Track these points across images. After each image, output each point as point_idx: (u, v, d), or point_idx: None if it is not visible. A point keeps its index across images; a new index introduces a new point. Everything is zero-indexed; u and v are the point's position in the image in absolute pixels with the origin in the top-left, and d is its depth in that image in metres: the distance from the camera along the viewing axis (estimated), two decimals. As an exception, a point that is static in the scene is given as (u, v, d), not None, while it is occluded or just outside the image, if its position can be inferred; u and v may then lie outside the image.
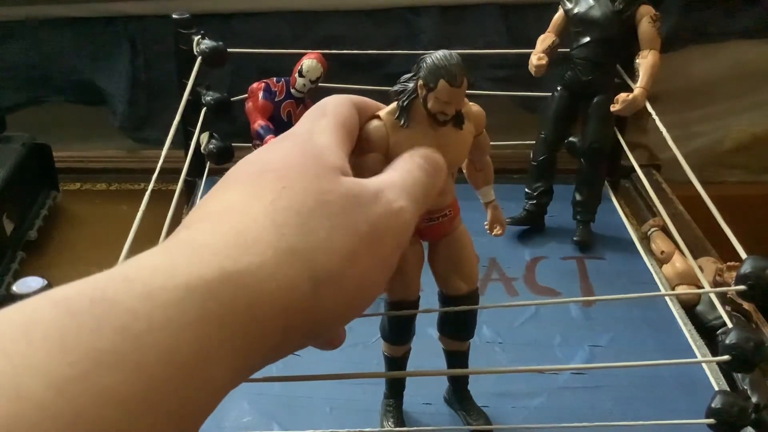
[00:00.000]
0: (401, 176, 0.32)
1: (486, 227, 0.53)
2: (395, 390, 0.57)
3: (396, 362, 0.55)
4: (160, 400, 0.20)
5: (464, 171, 0.50)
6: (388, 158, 0.42)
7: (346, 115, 0.34)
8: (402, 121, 0.41)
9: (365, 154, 0.39)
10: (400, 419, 0.57)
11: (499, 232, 0.52)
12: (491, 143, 0.49)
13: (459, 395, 0.58)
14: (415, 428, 0.57)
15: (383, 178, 0.31)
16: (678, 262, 0.77)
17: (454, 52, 0.42)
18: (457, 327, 0.54)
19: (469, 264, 0.51)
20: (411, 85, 0.42)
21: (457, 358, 0.55)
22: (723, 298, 0.69)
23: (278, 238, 0.25)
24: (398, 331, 0.53)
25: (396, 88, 0.43)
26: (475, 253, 0.52)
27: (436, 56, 0.41)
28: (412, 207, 0.30)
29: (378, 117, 0.41)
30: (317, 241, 0.26)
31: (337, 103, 0.35)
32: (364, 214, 0.28)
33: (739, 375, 0.62)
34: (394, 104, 0.42)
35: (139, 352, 0.20)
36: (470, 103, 0.45)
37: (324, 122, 0.32)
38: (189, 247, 0.24)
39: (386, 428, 0.56)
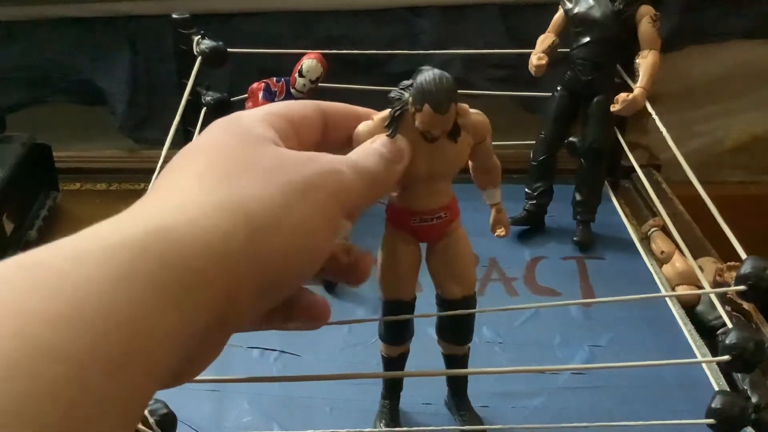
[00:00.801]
0: (352, 155, 0.32)
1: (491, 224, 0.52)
2: (391, 391, 0.57)
3: (393, 363, 0.55)
4: (103, 352, 0.20)
5: (471, 172, 0.49)
6: None
7: (292, 108, 0.33)
8: (390, 131, 0.40)
9: None
10: (394, 420, 0.57)
11: (501, 233, 0.51)
12: (492, 143, 0.48)
13: (457, 399, 0.58)
14: (414, 428, 0.57)
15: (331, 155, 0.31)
16: (678, 262, 0.77)
17: (446, 74, 0.41)
18: (454, 331, 0.54)
19: (464, 269, 0.50)
20: (406, 95, 0.41)
21: (455, 362, 0.55)
22: (723, 298, 0.69)
23: (206, 197, 0.26)
24: (394, 331, 0.53)
25: (393, 94, 0.42)
26: (473, 258, 0.51)
27: (426, 77, 0.40)
28: (352, 176, 0.30)
29: (371, 120, 0.40)
30: (249, 193, 0.26)
31: (291, 102, 0.35)
32: (296, 170, 0.28)
33: (739, 375, 0.62)
34: (387, 111, 0.41)
35: (73, 306, 0.20)
36: (472, 111, 0.44)
37: (257, 110, 0.32)
38: (116, 218, 0.25)
39: (385, 428, 0.56)
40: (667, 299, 0.72)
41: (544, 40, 0.78)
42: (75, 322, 0.20)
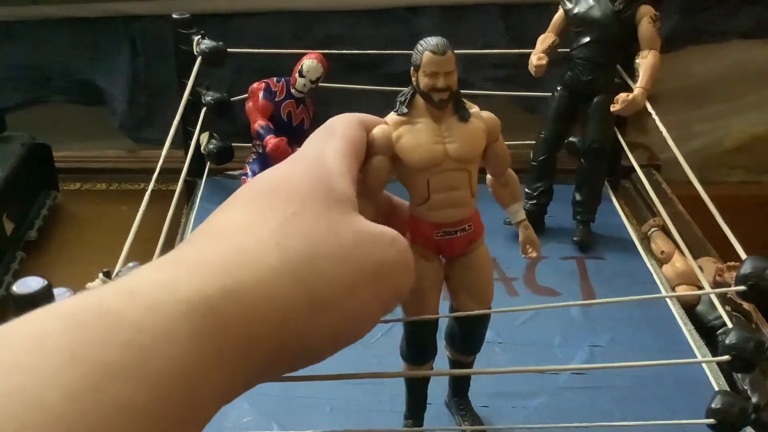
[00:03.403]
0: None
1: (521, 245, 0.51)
2: (416, 411, 0.56)
3: (417, 386, 0.54)
4: (164, 410, 0.21)
5: (489, 188, 0.49)
6: (393, 158, 0.43)
7: (355, 138, 0.35)
8: (401, 110, 0.43)
9: (370, 157, 0.40)
10: None
11: (533, 255, 0.50)
12: (508, 154, 0.48)
13: (457, 399, 0.58)
14: (415, 428, 0.57)
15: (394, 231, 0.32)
16: (678, 262, 0.77)
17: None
18: (465, 342, 0.53)
19: (484, 288, 0.50)
20: (408, 88, 0.44)
21: (461, 367, 0.55)
22: (723, 298, 0.69)
23: (281, 261, 0.26)
24: (418, 350, 0.51)
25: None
26: (491, 276, 0.50)
27: (421, 40, 0.44)
28: (408, 267, 0.31)
29: (385, 124, 0.42)
30: (319, 268, 0.27)
31: (346, 123, 0.35)
32: (375, 253, 0.29)
33: (739, 375, 0.62)
34: (394, 113, 0.44)
35: (145, 364, 0.21)
36: (482, 111, 0.46)
37: (333, 146, 0.33)
38: (190, 264, 0.25)
39: (382, 429, 0.56)
40: (667, 299, 0.72)
41: (544, 40, 0.78)
42: (144, 378, 0.20)
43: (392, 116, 0.43)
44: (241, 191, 0.30)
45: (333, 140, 0.33)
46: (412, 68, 0.44)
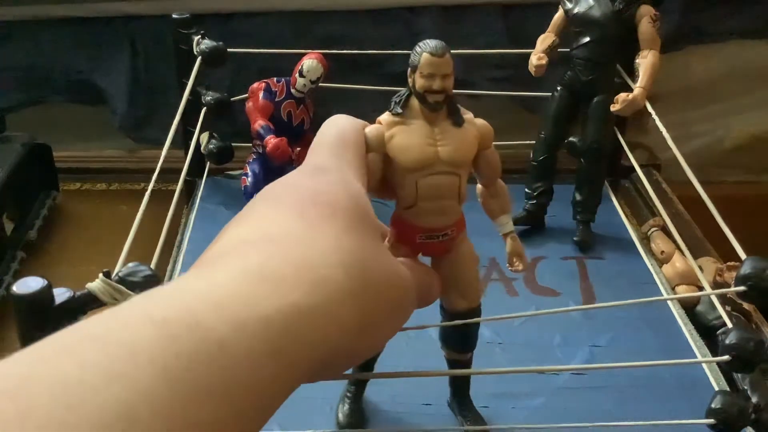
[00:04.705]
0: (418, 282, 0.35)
1: (507, 256, 0.51)
2: (359, 381, 0.57)
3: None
4: (239, 426, 0.22)
5: (479, 198, 0.49)
6: (385, 157, 0.43)
7: (363, 148, 0.36)
8: (395, 110, 0.43)
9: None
10: (356, 407, 0.57)
11: (520, 268, 0.50)
12: (499, 162, 0.48)
13: (459, 400, 0.58)
14: (415, 429, 0.57)
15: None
16: (678, 262, 0.77)
17: None
18: (458, 341, 0.54)
19: (469, 283, 0.50)
20: (404, 89, 0.45)
21: (458, 367, 0.55)
22: (723, 298, 0.69)
23: (345, 279, 0.27)
24: None
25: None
26: (477, 271, 0.51)
27: (420, 42, 0.44)
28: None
29: (377, 123, 0.43)
30: (371, 291, 0.29)
31: (356, 131, 0.36)
32: (402, 288, 0.32)
33: (739, 375, 0.62)
34: (387, 113, 0.44)
35: (226, 384, 0.22)
36: (476, 119, 0.46)
37: (351, 161, 0.34)
38: (267, 277, 0.25)
39: (387, 429, 0.56)
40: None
41: (544, 40, 0.78)
42: (226, 397, 0.21)
43: (386, 116, 0.44)
44: (275, 193, 0.31)
45: (347, 153, 0.34)
46: (409, 69, 0.44)
